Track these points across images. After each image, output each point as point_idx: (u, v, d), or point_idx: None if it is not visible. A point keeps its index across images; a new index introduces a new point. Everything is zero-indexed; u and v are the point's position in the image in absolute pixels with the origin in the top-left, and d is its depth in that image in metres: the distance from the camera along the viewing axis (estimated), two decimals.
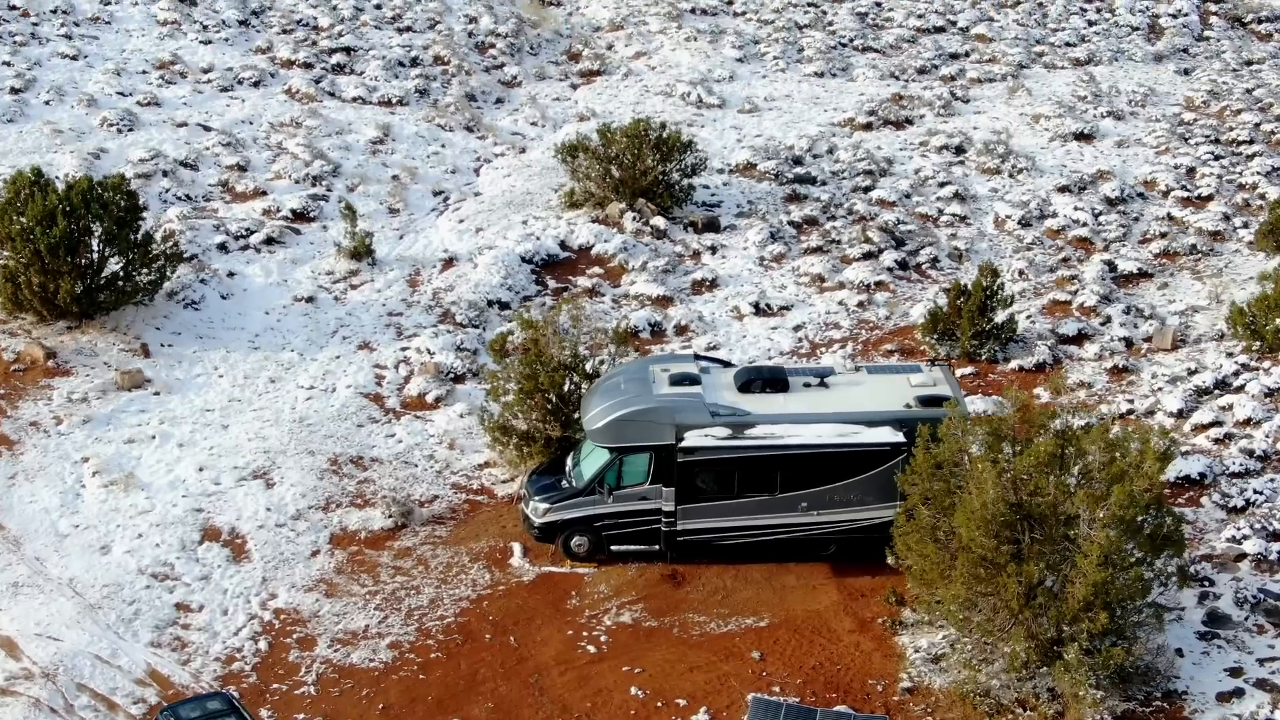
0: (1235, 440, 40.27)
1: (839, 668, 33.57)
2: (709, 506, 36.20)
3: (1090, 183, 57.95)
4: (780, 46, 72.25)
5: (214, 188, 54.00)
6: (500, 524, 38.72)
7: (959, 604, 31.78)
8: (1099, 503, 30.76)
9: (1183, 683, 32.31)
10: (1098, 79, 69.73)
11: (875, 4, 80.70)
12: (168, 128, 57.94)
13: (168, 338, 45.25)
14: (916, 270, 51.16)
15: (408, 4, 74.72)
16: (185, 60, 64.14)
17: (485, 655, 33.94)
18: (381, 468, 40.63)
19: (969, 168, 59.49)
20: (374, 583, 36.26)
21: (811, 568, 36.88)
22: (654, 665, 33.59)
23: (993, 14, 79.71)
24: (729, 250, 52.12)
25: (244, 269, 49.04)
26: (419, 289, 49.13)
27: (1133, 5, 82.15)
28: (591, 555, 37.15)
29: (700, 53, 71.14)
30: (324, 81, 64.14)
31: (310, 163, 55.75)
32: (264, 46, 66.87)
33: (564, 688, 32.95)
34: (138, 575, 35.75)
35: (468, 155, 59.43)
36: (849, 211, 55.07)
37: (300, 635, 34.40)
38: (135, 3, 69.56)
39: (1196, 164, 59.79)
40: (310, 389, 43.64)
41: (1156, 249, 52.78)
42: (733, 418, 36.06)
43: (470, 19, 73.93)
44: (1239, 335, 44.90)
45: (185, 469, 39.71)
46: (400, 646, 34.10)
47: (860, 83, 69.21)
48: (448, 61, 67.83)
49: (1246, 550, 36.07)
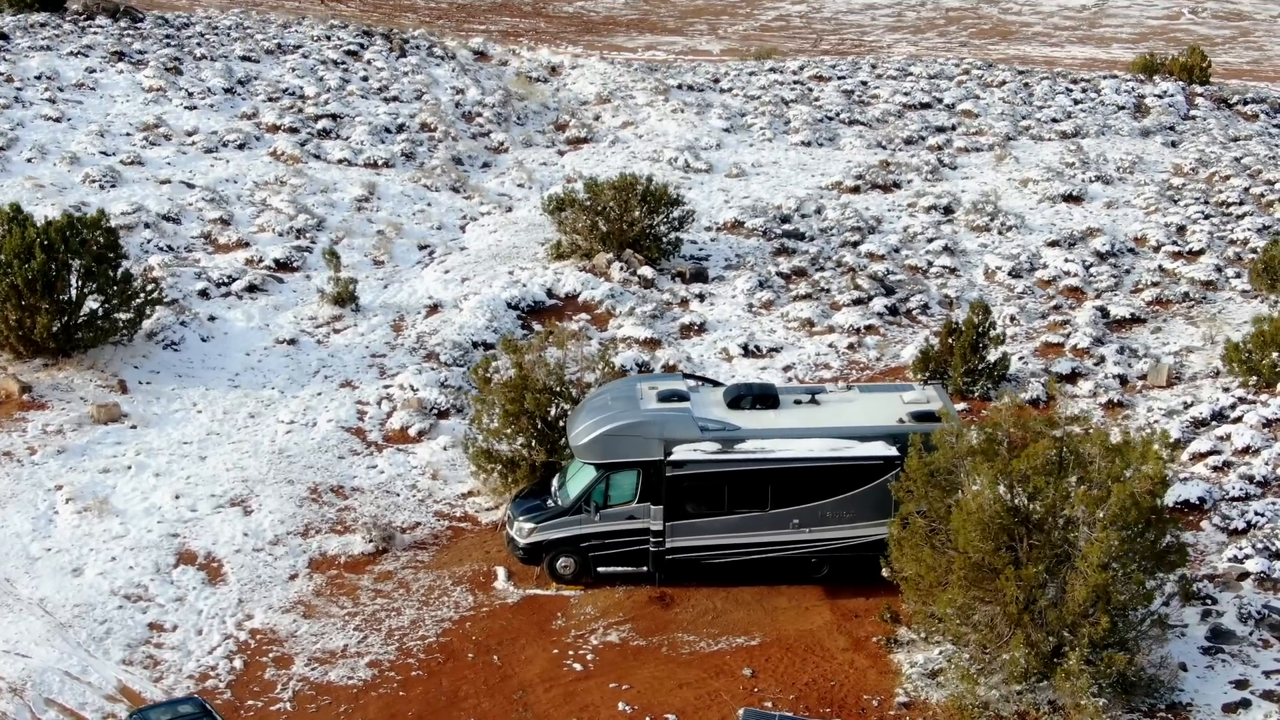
0: (1234, 468, 39.49)
1: (833, 684, 32.56)
2: (698, 523, 35.28)
3: (1080, 238, 57.56)
4: (767, 119, 72.12)
5: (196, 239, 53.38)
6: (484, 549, 37.77)
7: (956, 609, 30.82)
8: (1099, 504, 30.00)
9: (1187, 695, 31.37)
10: (1085, 149, 69.55)
11: (861, 83, 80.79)
12: (150, 184, 57.44)
13: (146, 375, 44.41)
14: (907, 316, 50.57)
15: (394, 76, 74.69)
16: (169, 124, 63.78)
17: (468, 673, 32.90)
18: (362, 496, 39.72)
19: (958, 225, 59.12)
20: (353, 604, 35.26)
21: (803, 590, 35.93)
22: (642, 682, 32.56)
23: (978, 92, 79.76)
24: (717, 298, 51.53)
25: (225, 313, 48.31)
26: (403, 333, 48.43)
27: (1118, 87, 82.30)
28: (577, 578, 36.16)
29: (687, 123, 70.99)
30: (309, 144, 63.75)
31: (294, 216, 55.24)
32: (249, 113, 66.57)
33: (549, 704, 31.89)
34: (110, 596, 34.70)
35: (454, 213, 58.98)
36: (838, 264, 54.58)
37: (276, 654, 33.35)
38: (120, 71, 69.28)
39: (1186, 222, 59.45)
40: (290, 423, 42.80)
41: (1149, 297, 52.31)
42: (722, 432, 35.27)
43: (457, 90, 73.88)
44: (1235, 371, 44.26)
45: (161, 497, 38.76)
46: (380, 665, 33.05)
47: (847, 151, 69.02)
48: (434, 128, 67.60)
49: (1249, 569, 35.23)
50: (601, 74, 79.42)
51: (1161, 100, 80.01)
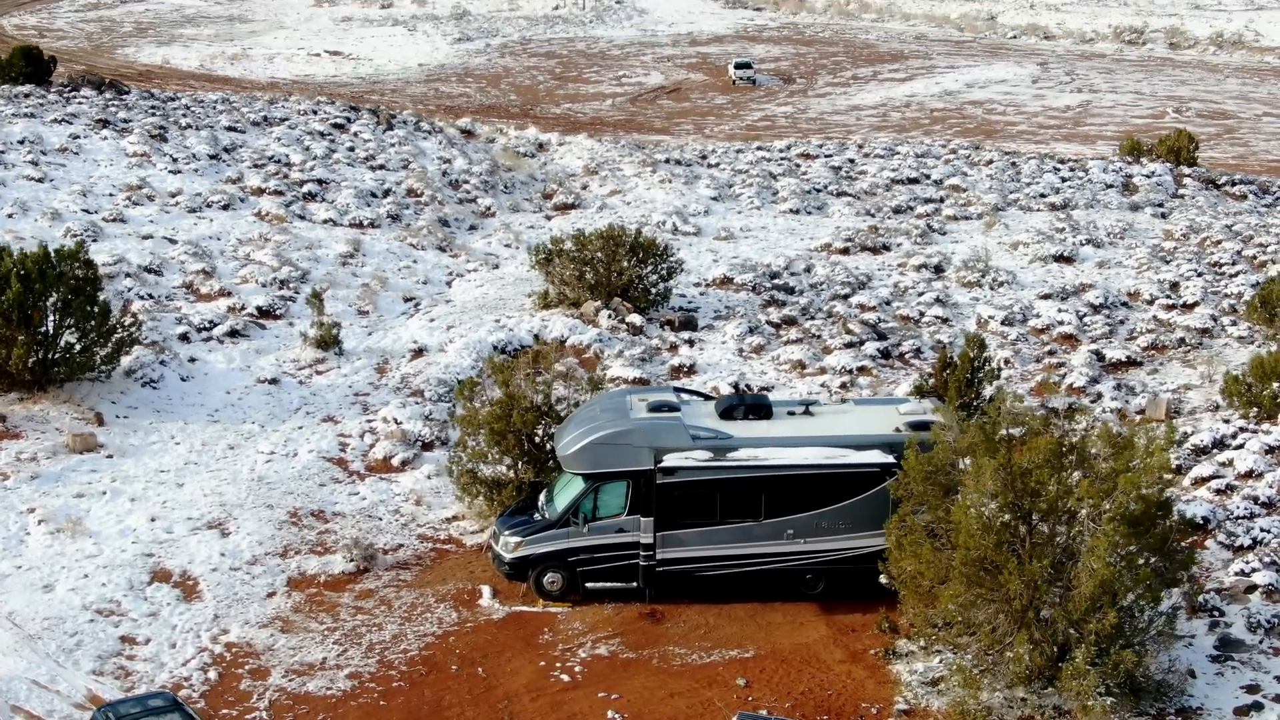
0: (1238, 491, 38.54)
1: (830, 693, 31.44)
2: (690, 534, 34.20)
3: (1073, 292, 56.95)
4: (755, 189, 71.83)
5: (178, 289, 52.61)
6: (469, 569, 36.64)
7: (958, 606, 29.73)
8: (1105, 496, 29.12)
9: (1196, 700, 30.32)
10: (1075, 218, 69.15)
11: (848, 160, 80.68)
12: (132, 239, 56.75)
13: (123, 410, 43.44)
14: (899, 359, 49.76)
15: (381, 147, 74.39)
16: (153, 185, 63.23)
17: (451, 684, 31.72)
18: (343, 520, 38.63)
19: (949, 281, 58.52)
20: (333, 620, 34.09)
21: (798, 606, 34.84)
22: (632, 692, 31.38)
23: (966, 170, 79.62)
24: (707, 344, 50.73)
25: (205, 355, 47.43)
26: (387, 374, 47.53)
27: (1105, 167, 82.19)
28: (565, 594, 35.01)
29: (675, 191, 70.68)
30: (294, 206, 63.21)
31: (278, 269, 54.52)
32: (234, 177, 66.07)
33: (535, 713, 30.70)
34: (81, 610, 33.52)
35: (440, 270, 58.34)
36: (829, 314, 53.88)
37: (253, 666, 32.16)
38: (104, 137, 68.86)
39: (1180, 279, 58.88)
40: (270, 454, 41.80)
41: (1144, 343, 51.57)
42: (715, 440, 34.30)
43: (444, 160, 73.57)
44: (1235, 405, 43.43)
45: (136, 520, 37.66)
46: (360, 677, 31.86)
47: (835, 218, 68.64)
48: (420, 194, 67.15)
49: (1256, 582, 34.20)
50: (589, 149, 79.28)
51: (1149, 180, 79.78)
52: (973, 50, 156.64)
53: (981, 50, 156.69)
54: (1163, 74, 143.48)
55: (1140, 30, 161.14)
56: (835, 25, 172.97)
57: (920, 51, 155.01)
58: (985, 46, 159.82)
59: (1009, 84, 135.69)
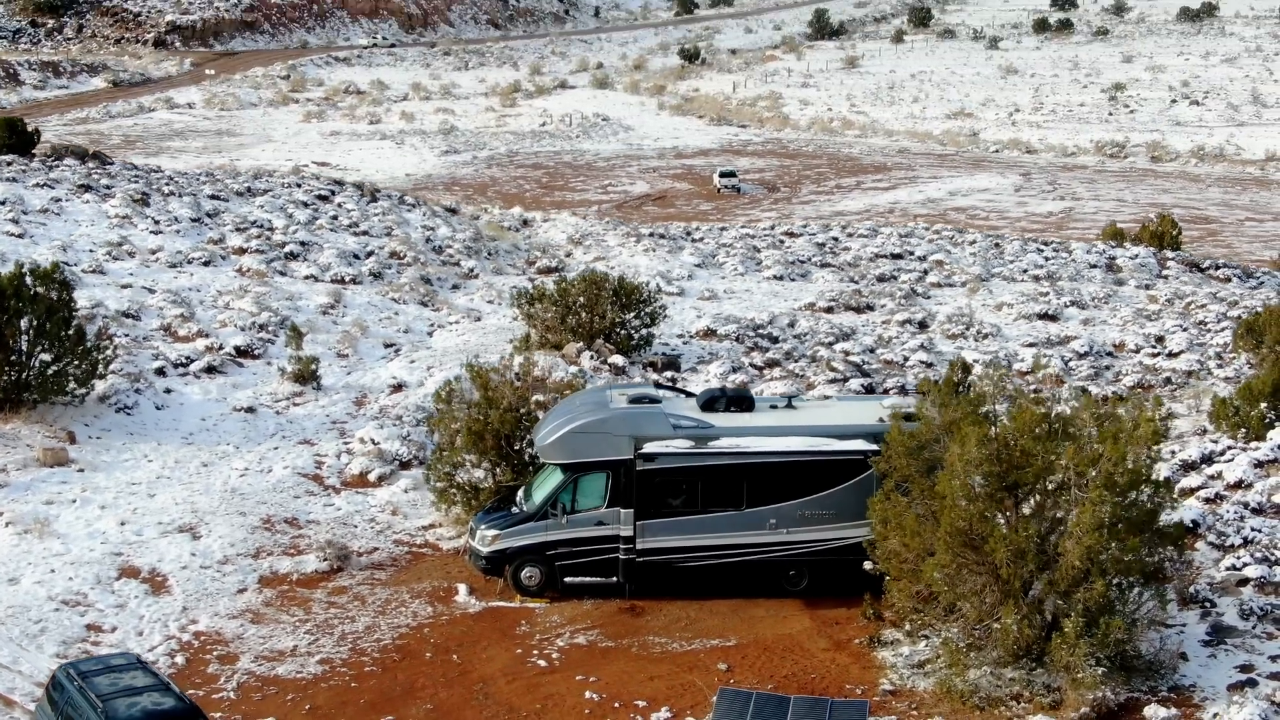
0: (1227, 500, 37.89)
1: (814, 676, 30.66)
2: (671, 523, 33.47)
3: (1059, 343, 56.63)
4: (739, 258, 71.78)
5: (155, 331, 52.05)
6: (445, 570, 35.88)
7: (943, 574, 29.02)
8: (1091, 464, 28.58)
9: (1189, 679, 29.43)
10: (1060, 285, 69.04)
11: (832, 238, 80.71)
12: (111, 288, 56.26)
13: (96, 432, 42.76)
14: (884, 393, 49.22)
15: (365, 216, 74.20)
16: (134, 243, 62.89)
17: (425, 669, 30.92)
18: (318, 527, 37.85)
19: (933, 334, 58.19)
20: (305, 613, 33.28)
21: (782, 602, 34.08)
22: (611, 675, 30.58)
23: (949, 248, 79.60)
24: (690, 382, 50.14)
25: (181, 388, 46.80)
26: (365, 406, 46.94)
27: (1089, 249, 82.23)
28: (542, 591, 34.21)
29: (659, 257, 70.63)
30: (276, 263, 62.83)
31: (258, 314, 54.02)
32: (216, 238, 65.77)
33: (512, 694, 29.87)
34: (46, 600, 32.72)
35: (422, 321, 57.88)
36: (813, 359, 53.44)
37: (221, 653, 31.37)
38: (86, 201, 68.63)
39: (1165, 333, 58.60)
40: (245, 470, 41.11)
41: (1131, 382, 51.17)
42: (696, 430, 33.70)
43: (428, 228, 73.37)
44: (1223, 428, 42.87)
45: (105, 524, 36.87)
46: (331, 662, 31.06)
47: (819, 284, 68.41)
48: (403, 256, 66.84)
49: (1248, 575, 33.43)
50: (573, 224, 79.51)
51: (1133, 261, 79.76)
52: (955, 162, 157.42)
53: (964, 162, 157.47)
54: (1145, 183, 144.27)
55: (1122, 144, 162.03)
56: (819, 140, 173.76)
57: (903, 164, 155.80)
58: (968, 159, 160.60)
59: (992, 192, 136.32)
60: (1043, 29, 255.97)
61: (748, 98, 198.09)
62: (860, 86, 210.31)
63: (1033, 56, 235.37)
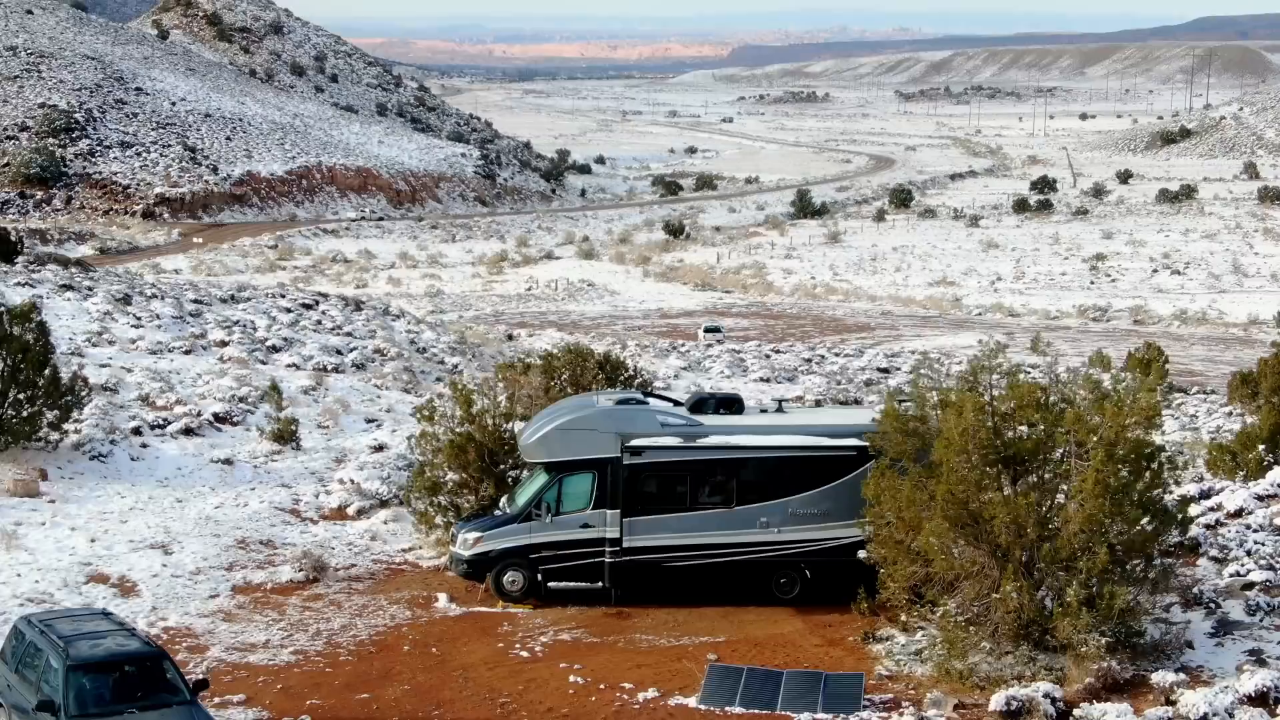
0: (1227, 526, 37.04)
1: (806, 666, 29.41)
2: (659, 520, 32.48)
3: None
4: (724, 364, 71.41)
5: (133, 401, 51.10)
6: (425, 583, 34.82)
7: (940, 539, 28.05)
8: (1091, 432, 27.91)
9: (1197, 662, 28.41)
10: None
11: (819, 356, 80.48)
12: (90, 367, 55.38)
13: (70, 474, 41.74)
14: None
15: (348, 320, 73.75)
16: (114, 333, 62.20)
17: (403, 658, 29.79)
18: (294, 548, 36.67)
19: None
20: (279, 614, 32.16)
21: (773, 608, 32.92)
22: (596, 664, 29.42)
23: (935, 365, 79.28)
24: None
25: (158, 445, 45.83)
26: (345, 464, 45.92)
27: None
28: (525, 597, 33.09)
29: (646, 360, 70.17)
30: (258, 353, 62.14)
31: (238, 389, 53.20)
32: (198, 334, 65.12)
33: (493, 678, 28.68)
34: (11, 599, 31.55)
35: (405, 404, 57.03)
36: None
37: (191, 644, 30.20)
38: (67, 299, 68.07)
39: None
40: (220, 504, 40.07)
41: None
42: (685, 427, 32.89)
43: (413, 333, 72.93)
44: (1219, 473, 42.15)
45: (76, 541, 35.76)
46: (305, 653, 29.91)
47: (804, 387, 67.93)
48: (387, 352, 66.25)
49: (1253, 580, 32.49)
50: (559, 338, 78.90)
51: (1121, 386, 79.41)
52: (939, 324, 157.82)
53: (947, 323, 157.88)
54: (1128, 341, 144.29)
55: (1104, 309, 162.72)
56: (803, 304, 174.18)
57: (887, 324, 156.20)
58: (951, 321, 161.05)
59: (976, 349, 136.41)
60: (1023, 209, 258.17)
61: (732, 267, 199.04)
62: (843, 258, 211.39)
63: (1013, 233, 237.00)
